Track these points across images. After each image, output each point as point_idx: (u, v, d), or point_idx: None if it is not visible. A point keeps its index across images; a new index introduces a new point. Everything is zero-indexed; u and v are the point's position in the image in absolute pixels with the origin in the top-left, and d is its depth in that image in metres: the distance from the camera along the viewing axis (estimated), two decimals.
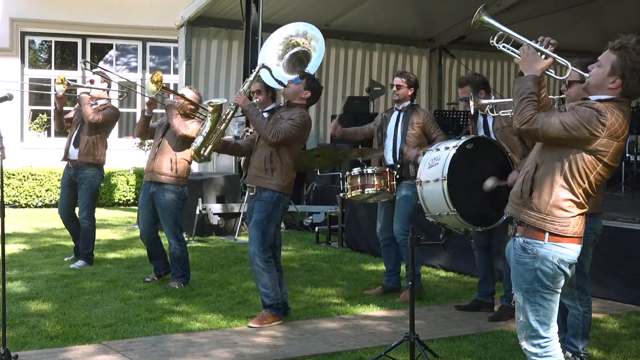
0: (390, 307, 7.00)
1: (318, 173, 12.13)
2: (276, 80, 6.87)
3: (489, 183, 5.67)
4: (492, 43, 4.10)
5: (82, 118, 8.59)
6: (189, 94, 7.86)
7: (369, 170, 7.23)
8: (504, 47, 4.03)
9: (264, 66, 6.76)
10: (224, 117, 6.47)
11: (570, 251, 3.81)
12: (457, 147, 5.83)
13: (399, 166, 7.31)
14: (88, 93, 8.60)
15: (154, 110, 7.86)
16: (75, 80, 14.33)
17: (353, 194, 7.32)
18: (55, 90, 8.45)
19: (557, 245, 3.78)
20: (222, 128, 6.47)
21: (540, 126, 3.71)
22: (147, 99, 7.86)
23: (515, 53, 3.96)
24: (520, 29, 4.07)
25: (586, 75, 3.91)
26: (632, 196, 11.28)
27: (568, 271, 3.84)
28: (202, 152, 6.50)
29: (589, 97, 3.89)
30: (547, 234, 3.78)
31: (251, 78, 6.73)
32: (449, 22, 15.33)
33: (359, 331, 6.23)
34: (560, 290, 3.88)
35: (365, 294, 7.47)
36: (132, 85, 9.12)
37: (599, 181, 3.82)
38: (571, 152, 3.74)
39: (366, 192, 7.25)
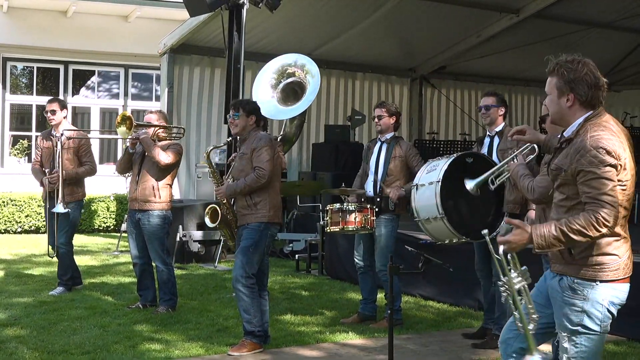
0: (369, 336, 7.01)
1: (298, 203, 12.21)
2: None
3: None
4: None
5: (53, 157, 8.55)
6: (154, 118, 7.90)
7: (351, 207, 7.23)
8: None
9: (214, 147, 7.80)
10: (227, 214, 6.91)
11: (620, 292, 3.61)
12: (457, 156, 5.90)
13: (378, 199, 7.35)
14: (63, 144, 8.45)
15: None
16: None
17: (332, 229, 7.37)
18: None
19: (609, 287, 3.55)
20: (232, 218, 6.89)
21: None
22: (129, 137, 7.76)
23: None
24: (501, 59, 4.14)
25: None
26: None
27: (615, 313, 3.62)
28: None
29: (563, 131, 3.82)
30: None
31: (211, 169, 7.14)
32: (430, 52, 15.49)
33: (338, 359, 6.24)
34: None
35: (342, 322, 7.47)
36: (109, 132, 9.20)
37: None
38: None
39: (346, 229, 7.30)
